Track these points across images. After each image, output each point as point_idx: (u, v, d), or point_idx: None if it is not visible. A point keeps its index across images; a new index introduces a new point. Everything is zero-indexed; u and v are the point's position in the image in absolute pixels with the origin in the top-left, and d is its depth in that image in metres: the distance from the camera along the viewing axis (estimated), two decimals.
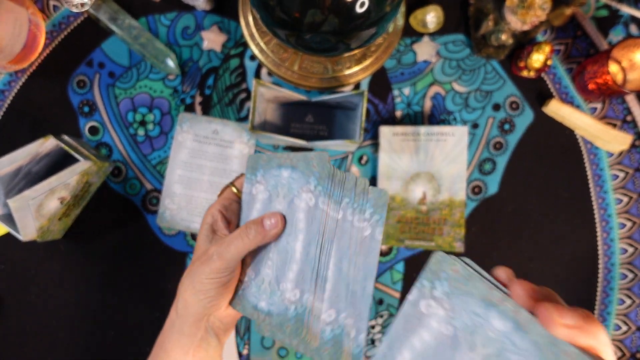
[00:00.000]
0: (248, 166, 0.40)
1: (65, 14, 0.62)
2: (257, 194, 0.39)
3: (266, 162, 0.39)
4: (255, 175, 0.40)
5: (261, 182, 0.39)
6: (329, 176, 0.35)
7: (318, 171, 0.35)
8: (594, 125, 0.61)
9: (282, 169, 0.38)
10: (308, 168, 0.36)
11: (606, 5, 0.63)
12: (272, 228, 0.37)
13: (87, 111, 0.63)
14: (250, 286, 0.39)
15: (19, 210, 0.51)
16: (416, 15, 0.62)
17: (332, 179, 0.35)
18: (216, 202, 0.41)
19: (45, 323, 0.62)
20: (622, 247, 0.62)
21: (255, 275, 0.39)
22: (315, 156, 0.35)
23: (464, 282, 0.24)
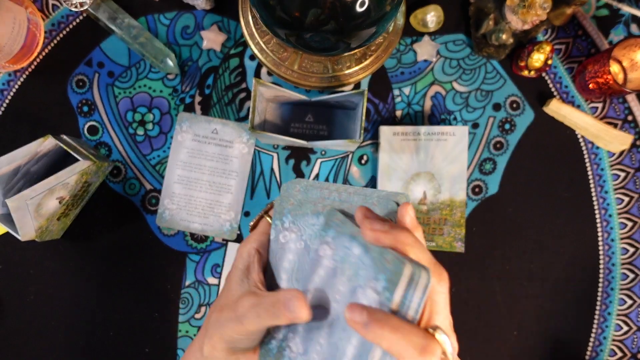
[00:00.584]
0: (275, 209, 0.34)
1: (64, 14, 0.62)
2: (287, 243, 0.34)
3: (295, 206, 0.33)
4: (281, 220, 0.34)
5: (291, 229, 0.33)
6: (399, 283, 0.27)
7: (391, 271, 0.27)
8: (594, 125, 0.61)
9: (354, 242, 0.30)
10: (380, 259, 0.28)
11: (607, 4, 0.63)
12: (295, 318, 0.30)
13: (86, 111, 0.62)
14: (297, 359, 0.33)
15: (17, 210, 0.51)
16: (416, 14, 0.61)
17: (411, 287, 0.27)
18: (252, 238, 0.36)
19: (45, 323, 0.61)
20: (623, 247, 0.62)
21: (304, 352, 0.33)
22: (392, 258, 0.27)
23: (298, 208, 0.33)
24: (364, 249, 0.29)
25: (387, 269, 0.27)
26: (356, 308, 0.27)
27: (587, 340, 0.62)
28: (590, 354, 0.62)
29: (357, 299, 0.29)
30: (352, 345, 0.29)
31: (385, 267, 0.27)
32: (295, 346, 0.34)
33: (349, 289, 0.29)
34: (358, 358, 0.29)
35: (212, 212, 0.62)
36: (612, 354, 0.62)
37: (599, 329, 0.62)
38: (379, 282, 0.27)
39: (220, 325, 0.34)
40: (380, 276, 0.27)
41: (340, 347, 0.30)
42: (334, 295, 0.31)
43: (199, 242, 0.62)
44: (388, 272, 0.27)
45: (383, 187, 0.61)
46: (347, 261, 0.30)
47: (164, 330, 0.62)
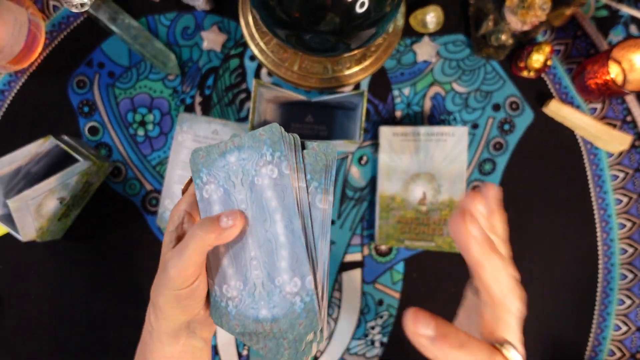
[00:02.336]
0: (191, 169, 0.36)
1: (65, 14, 0.62)
2: (210, 195, 0.35)
3: (205, 157, 0.35)
4: (200, 177, 0.35)
5: (209, 181, 0.35)
6: (281, 138, 0.32)
7: (269, 137, 0.32)
8: (594, 125, 0.61)
9: (227, 155, 0.34)
10: (256, 140, 0.33)
11: (606, 5, 0.63)
12: (229, 227, 0.32)
13: (86, 111, 0.62)
14: (242, 298, 0.34)
15: (18, 211, 0.51)
16: (416, 15, 0.61)
17: (286, 141, 0.32)
18: (181, 200, 0.36)
19: (45, 323, 0.62)
20: (622, 248, 0.62)
21: (244, 284, 0.34)
22: (265, 131, 0.32)
23: (208, 158, 0.35)
24: (238, 149, 0.34)
25: (265, 138, 0.32)
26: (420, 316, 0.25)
27: (586, 340, 0.62)
28: (590, 354, 0.62)
29: (258, 187, 0.33)
30: (279, 222, 0.32)
31: (262, 140, 0.33)
32: (234, 289, 0.34)
33: (247, 188, 0.33)
34: (289, 224, 0.32)
35: None
36: (611, 353, 0.62)
37: (598, 329, 0.62)
38: (264, 156, 0.33)
39: (156, 289, 0.34)
40: (263, 150, 0.33)
41: (270, 235, 0.32)
42: (239, 207, 0.34)
43: None
44: (267, 140, 0.32)
45: (383, 187, 0.61)
46: (231, 173, 0.34)
47: None
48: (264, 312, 0.33)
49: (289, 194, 0.32)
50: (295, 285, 0.31)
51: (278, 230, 0.32)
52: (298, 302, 0.31)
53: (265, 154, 0.32)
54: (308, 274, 0.31)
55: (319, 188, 0.32)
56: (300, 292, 0.31)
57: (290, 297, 0.32)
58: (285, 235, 0.32)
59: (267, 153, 0.32)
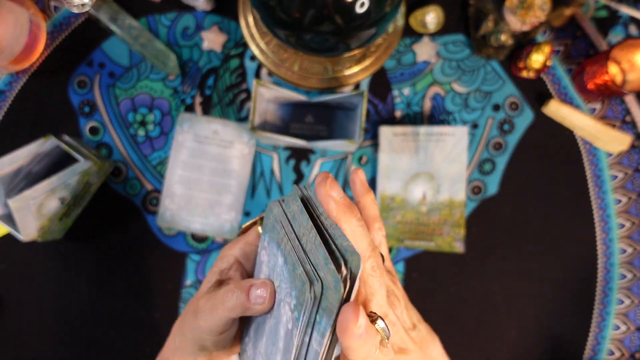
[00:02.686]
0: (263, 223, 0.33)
1: (65, 15, 0.62)
2: (262, 262, 0.33)
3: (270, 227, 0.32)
4: (264, 237, 0.33)
5: (267, 250, 0.32)
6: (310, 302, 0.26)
7: (299, 288, 0.27)
8: (593, 125, 0.61)
9: (279, 253, 0.30)
10: (293, 275, 0.28)
11: (606, 5, 0.63)
12: (258, 303, 0.29)
13: (87, 111, 0.63)
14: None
15: (19, 210, 0.51)
16: (416, 15, 0.62)
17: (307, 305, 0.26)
18: (237, 244, 0.35)
19: (45, 323, 0.62)
20: (621, 247, 0.62)
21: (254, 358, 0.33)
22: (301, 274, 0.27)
23: (272, 230, 0.31)
24: (284, 259, 0.28)
25: (297, 285, 0.26)
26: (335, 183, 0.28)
27: (585, 340, 0.62)
28: (589, 354, 0.62)
29: (280, 314, 0.29)
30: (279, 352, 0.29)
31: (295, 284, 0.27)
32: (249, 350, 0.34)
33: (277, 301, 0.29)
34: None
35: (213, 212, 0.62)
36: (610, 353, 0.62)
37: (597, 328, 0.62)
38: (292, 299, 0.27)
39: (181, 322, 0.34)
40: (292, 292, 0.27)
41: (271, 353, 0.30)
42: None
43: (199, 242, 0.63)
44: (297, 289, 0.26)
45: (383, 187, 0.61)
46: (275, 270, 0.30)
47: (164, 330, 0.62)
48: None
49: (288, 352, 0.28)
50: None
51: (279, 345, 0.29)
52: None
53: (292, 298, 0.28)
54: None
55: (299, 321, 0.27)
56: None
57: None
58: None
59: (292, 302, 0.27)
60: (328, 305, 0.24)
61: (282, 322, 0.28)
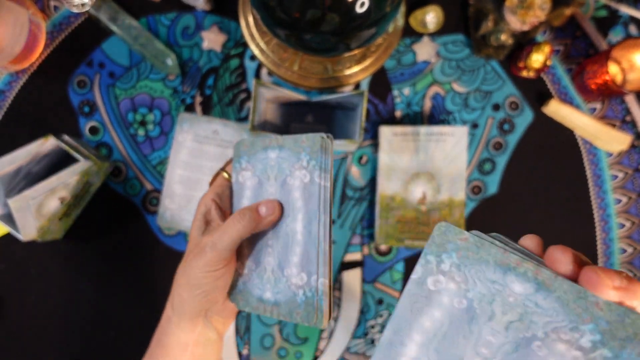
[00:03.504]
0: (234, 155, 0.39)
1: (65, 14, 0.62)
2: (244, 181, 0.38)
3: (249, 147, 0.38)
4: (239, 162, 0.38)
5: (247, 168, 0.38)
6: (320, 149, 0.34)
7: (309, 146, 0.34)
8: (593, 125, 0.61)
9: (268, 150, 0.37)
10: (297, 145, 0.35)
11: (605, 5, 0.63)
12: (268, 215, 0.35)
13: (87, 111, 0.63)
14: (251, 278, 0.37)
15: (19, 210, 0.51)
16: (416, 15, 0.62)
17: (324, 151, 0.34)
18: (209, 191, 0.39)
19: (45, 323, 0.62)
20: (621, 247, 0.62)
21: (256, 265, 0.37)
22: (307, 139, 0.35)
23: (475, 250, 0.23)
24: (279, 148, 0.35)
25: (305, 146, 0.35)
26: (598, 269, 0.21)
27: None
28: None
29: (288, 186, 0.35)
30: (299, 221, 0.35)
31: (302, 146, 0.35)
32: (246, 268, 0.38)
33: (279, 184, 0.35)
34: (308, 225, 0.34)
35: None
36: None
37: None
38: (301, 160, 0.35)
39: (184, 270, 0.36)
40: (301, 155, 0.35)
41: (290, 231, 0.35)
42: (268, 197, 0.36)
43: None
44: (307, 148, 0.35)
45: (383, 187, 0.61)
46: (268, 167, 0.36)
47: None
48: (267, 295, 0.36)
49: (314, 200, 0.34)
50: (301, 279, 0.34)
51: (297, 228, 0.35)
52: (300, 294, 0.34)
53: (302, 159, 0.35)
54: (314, 273, 0.33)
55: (316, 166, 0.34)
56: (304, 286, 0.34)
57: (295, 288, 0.34)
58: (302, 234, 0.34)
59: (304, 159, 0.34)
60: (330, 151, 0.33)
61: (295, 187, 0.35)
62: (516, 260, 0.22)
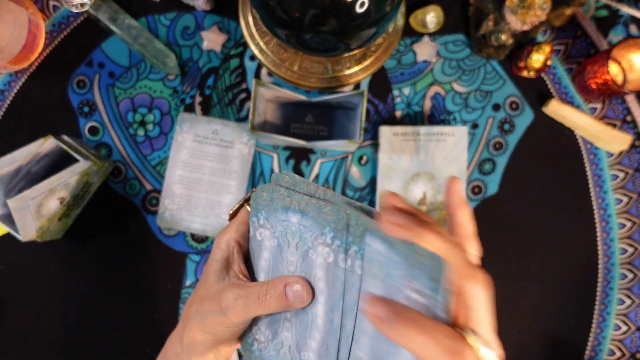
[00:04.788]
0: (251, 205, 0.34)
1: (65, 14, 0.62)
2: (263, 240, 0.34)
3: (268, 202, 0.33)
4: (257, 217, 0.34)
5: (265, 226, 0.33)
6: (345, 229, 0.29)
7: (333, 220, 0.29)
8: (593, 125, 0.61)
9: (289, 212, 0.32)
10: (321, 216, 0.30)
11: (606, 5, 0.63)
12: (297, 301, 0.31)
13: (87, 111, 0.63)
14: (268, 348, 0.34)
15: (18, 211, 0.51)
16: (416, 15, 0.62)
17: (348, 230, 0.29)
18: (230, 227, 0.35)
19: (45, 323, 0.62)
20: (622, 247, 0.62)
21: (273, 337, 0.34)
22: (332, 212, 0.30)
23: (270, 204, 0.32)
24: (301, 213, 0.31)
25: (330, 220, 0.30)
26: (378, 302, 0.24)
27: (586, 340, 0.62)
28: (589, 354, 0.62)
29: (311, 261, 0.31)
30: (320, 304, 0.32)
31: (326, 220, 0.30)
32: (262, 336, 0.35)
33: (300, 254, 0.32)
34: (330, 312, 0.31)
35: (213, 212, 0.62)
36: (610, 353, 0.62)
37: (597, 328, 0.62)
38: (325, 235, 0.30)
39: (201, 318, 0.33)
40: (324, 230, 0.30)
41: (309, 312, 0.32)
42: (287, 268, 0.33)
43: (199, 242, 0.62)
44: (332, 222, 0.30)
45: (383, 187, 0.61)
46: (289, 231, 0.32)
47: (164, 330, 0.62)
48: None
49: (338, 285, 0.30)
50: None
51: (318, 312, 0.31)
52: None
53: (326, 235, 0.30)
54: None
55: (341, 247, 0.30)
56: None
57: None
58: (323, 320, 0.31)
59: (328, 236, 0.30)
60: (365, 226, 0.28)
61: (318, 264, 0.31)
62: (289, 201, 0.31)
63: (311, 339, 0.32)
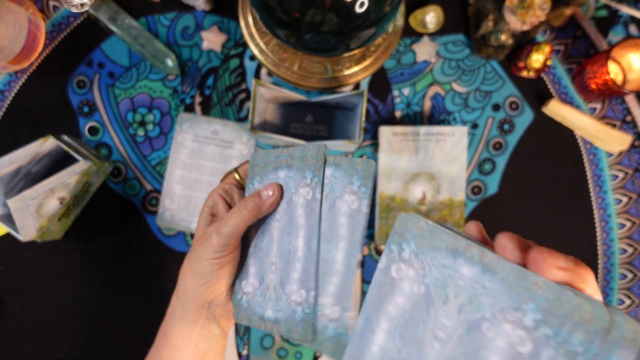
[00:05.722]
0: (247, 175, 0.40)
1: (65, 14, 0.62)
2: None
3: (262, 168, 0.39)
4: (252, 183, 0.39)
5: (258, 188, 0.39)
6: (322, 166, 0.35)
7: (312, 164, 0.35)
8: (593, 125, 0.61)
9: (278, 171, 0.38)
10: (303, 163, 0.36)
11: (606, 5, 0.63)
12: (269, 197, 0.37)
13: (86, 111, 0.63)
14: (255, 296, 0.37)
15: (18, 211, 0.51)
16: (416, 15, 0.62)
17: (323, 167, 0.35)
18: (218, 187, 0.41)
19: (45, 323, 0.62)
20: (622, 247, 0.62)
21: (260, 283, 0.37)
22: (313, 148, 0.35)
23: (429, 237, 0.24)
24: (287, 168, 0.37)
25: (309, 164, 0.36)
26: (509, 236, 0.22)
27: None
28: None
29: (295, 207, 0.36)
30: (300, 238, 0.35)
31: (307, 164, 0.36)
32: (251, 286, 0.37)
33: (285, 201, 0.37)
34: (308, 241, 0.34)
35: None
36: None
37: None
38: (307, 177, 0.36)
39: (190, 259, 0.37)
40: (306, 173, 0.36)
41: (292, 248, 0.35)
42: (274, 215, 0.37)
43: None
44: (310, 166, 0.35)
45: (383, 187, 0.61)
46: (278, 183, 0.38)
47: None
48: (269, 313, 0.35)
49: (314, 215, 0.34)
50: (300, 295, 0.34)
51: (298, 244, 0.35)
52: (299, 311, 0.34)
53: (306, 177, 0.35)
54: (313, 289, 0.33)
55: (366, 193, 0.33)
56: (303, 303, 0.34)
57: (294, 305, 0.34)
58: (302, 251, 0.34)
59: (308, 177, 0.35)
60: None
61: (299, 203, 0.35)
62: (464, 245, 0.23)
63: (293, 272, 0.35)
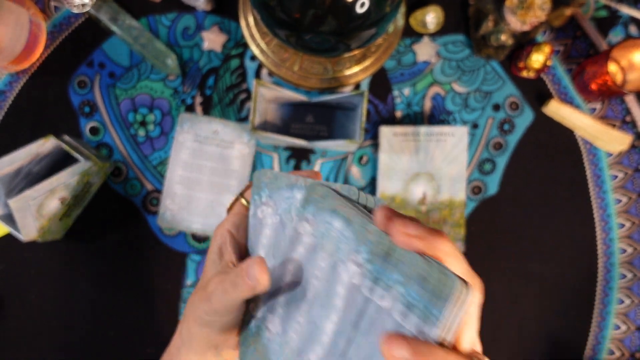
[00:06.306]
0: (253, 185, 0.34)
1: (66, 15, 0.63)
2: (264, 217, 0.33)
3: (271, 179, 0.33)
4: (259, 195, 0.34)
5: (268, 203, 0.33)
6: (384, 256, 0.26)
7: (372, 242, 0.26)
8: (593, 125, 0.62)
9: (294, 190, 0.31)
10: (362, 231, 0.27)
11: (606, 5, 0.63)
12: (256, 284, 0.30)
13: (87, 111, 0.63)
14: (274, 341, 0.33)
15: (19, 211, 0.51)
16: (416, 15, 0.62)
17: (385, 259, 0.26)
18: (226, 219, 0.36)
19: (45, 323, 0.62)
20: (622, 247, 0.62)
21: (283, 332, 0.33)
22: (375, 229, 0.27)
23: (274, 182, 0.32)
24: (346, 222, 0.28)
25: (369, 240, 0.26)
26: (395, 339, 0.23)
27: (585, 340, 0.62)
28: (589, 353, 0.62)
29: (337, 274, 0.28)
30: (331, 322, 0.29)
31: (366, 239, 0.26)
32: (274, 326, 0.34)
33: (330, 264, 0.29)
34: (338, 335, 0.28)
35: (213, 212, 0.62)
36: (610, 353, 0.62)
37: (597, 328, 0.62)
38: (360, 254, 0.26)
39: (193, 308, 0.34)
40: (361, 248, 0.26)
41: (319, 325, 0.30)
42: (313, 271, 0.30)
43: (200, 242, 0.63)
44: (369, 243, 0.26)
45: (383, 187, 0.61)
46: (328, 236, 0.29)
47: (164, 330, 0.62)
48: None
49: (353, 311, 0.27)
50: None
51: (326, 328, 0.29)
52: None
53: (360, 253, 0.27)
54: None
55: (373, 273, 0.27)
56: None
57: None
58: (329, 338, 0.29)
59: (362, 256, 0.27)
60: None
61: (342, 280, 0.28)
62: (295, 179, 0.31)
63: (313, 353, 0.30)
